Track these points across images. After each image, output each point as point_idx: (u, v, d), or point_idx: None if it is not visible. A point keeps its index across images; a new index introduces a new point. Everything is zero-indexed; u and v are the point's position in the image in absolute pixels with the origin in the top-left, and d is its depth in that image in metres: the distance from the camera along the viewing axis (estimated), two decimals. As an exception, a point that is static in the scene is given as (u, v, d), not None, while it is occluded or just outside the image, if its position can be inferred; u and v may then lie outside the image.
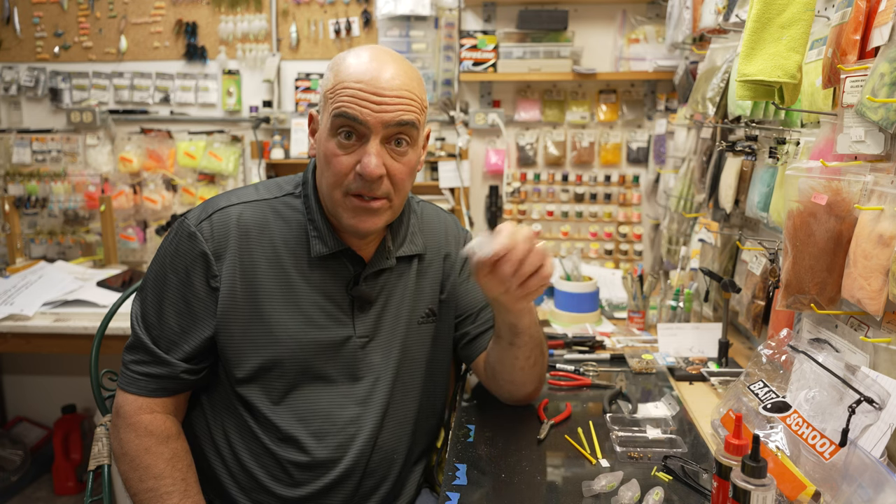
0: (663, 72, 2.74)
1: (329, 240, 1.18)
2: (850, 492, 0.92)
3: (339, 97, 1.09)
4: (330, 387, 1.19)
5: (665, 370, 1.61)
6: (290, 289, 1.17)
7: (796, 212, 1.19)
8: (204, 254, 1.14)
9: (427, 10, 2.88)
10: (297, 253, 1.18)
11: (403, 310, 1.26)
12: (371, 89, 1.08)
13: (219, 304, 1.15)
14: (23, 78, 3.11)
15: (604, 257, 2.93)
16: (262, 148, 2.95)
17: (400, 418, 1.26)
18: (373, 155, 1.08)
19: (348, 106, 1.08)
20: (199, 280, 1.15)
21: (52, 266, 2.63)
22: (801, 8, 1.16)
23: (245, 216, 1.18)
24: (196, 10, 3.05)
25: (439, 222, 1.38)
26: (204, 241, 1.14)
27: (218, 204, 1.19)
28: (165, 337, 1.16)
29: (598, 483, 1.06)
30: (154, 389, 1.16)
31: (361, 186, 1.10)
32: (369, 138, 1.09)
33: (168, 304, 1.16)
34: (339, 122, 1.09)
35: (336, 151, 1.10)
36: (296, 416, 1.17)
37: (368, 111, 1.07)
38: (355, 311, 1.21)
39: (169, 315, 1.16)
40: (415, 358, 1.28)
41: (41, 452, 3.05)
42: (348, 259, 1.21)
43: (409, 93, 1.11)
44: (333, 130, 1.10)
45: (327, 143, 1.12)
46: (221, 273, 1.14)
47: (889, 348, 1.05)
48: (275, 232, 1.18)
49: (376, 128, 1.08)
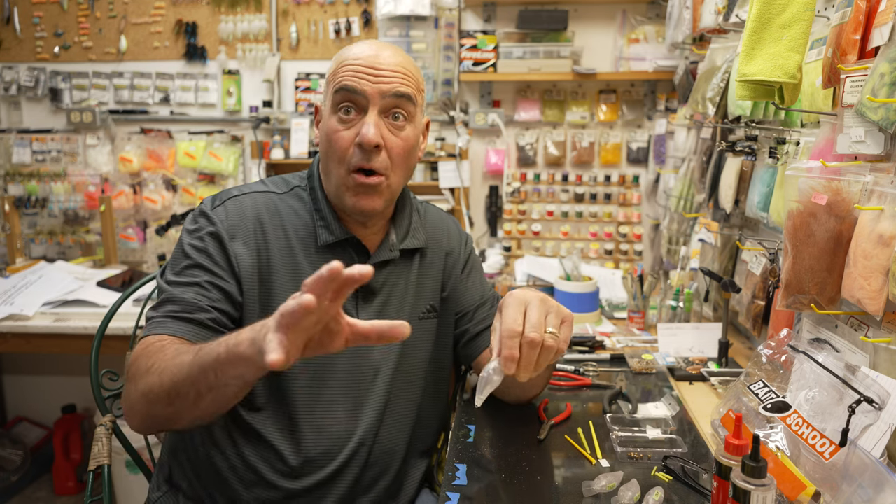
0: (663, 72, 2.75)
1: (335, 228, 1.22)
2: (850, 492, 0.92)
3: (340, 74, 1.16)
4: (331, 378, 1.20)
5: (665, 370, 1.61)
6: (300, 276, 1.19)
7: (796, 212, 1.19)
8: (219, 235, 1.17)
9: (427, 10, 2.88)
10: (305, 241, 1.22)
11: (406, 304, 1.28)
12: (369, 63, 1.15)
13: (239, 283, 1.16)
14: (23, 78, 3.11)
15: (604, 257, 2.93)
16: (262, 148, 2.96)
17: (401, 412, 1.26)
18: (371, 124, 1.14)
19: (348, 79, 1.15)
20: (220, 256, 1.16)
21: (52, 266, 2.63)
22: (801, 8, 1.16)
23: (258, 204, 1.22)
24: (196, 10, 3.05)
25: (441, 221, 1.41)
26: (219, 222, 1.17)
27: (230, 192, 1.23)
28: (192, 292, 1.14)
29: (598, 483, 1.06)
30: (177, 331, 1.09)
31: (361, 158, 1.15)
32: (367, 110, 1.15)
33: (193, 269, 1.15)
34: (340, 96, 1.15)
35: (337, 127, 1.16)
36: (297, 407, 1.17)
37: (367, 82, 1.14)
38: (359, 301, 1.23)
39: (196, 275, 1.14)
40: (416, 353, 1.29)
41: (41, 452, 3.05)
42: (354, 249, 1.24)
43: (406, 70, 1.18)
44: (335, 107, 1.17)
45: (329, 121, 1.18)
46: (237, 255, 1.16)
47: (889, 348, 1.05)
48: (285, 220, 1.22)
49: (374, 98, 1.14)
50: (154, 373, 1.00)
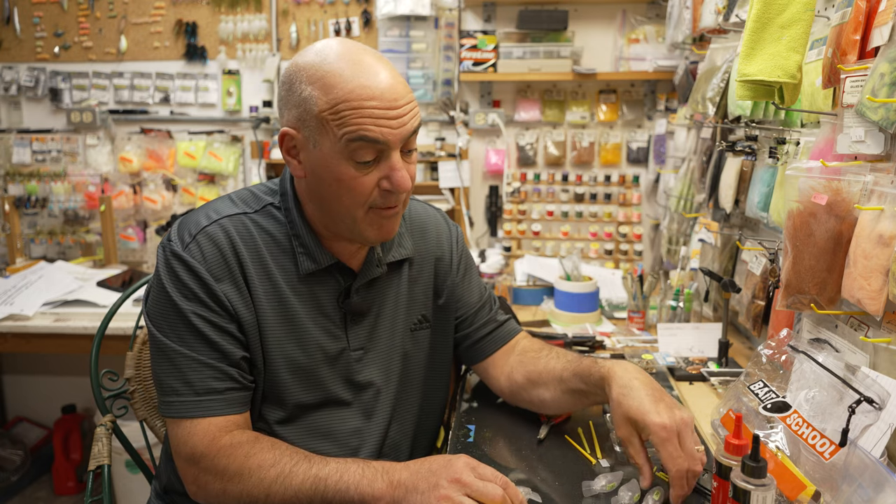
0: (663, 72, 2.75)
1: (318, 255, 1.14)
2: (849, 492, 0.92)
3: (351, 119, 1.00)
4: (330, 402, 1.17)
5: (665, 370, 1.61)
6: (283, 306, 1.12)
7: (796, 212, 1.19)
8: (204, 280, 1.06)
9: (427, 10, 2.88)
10: (285, 268, 1.13)
11: (398, 318, 1.24)
12: (385, 105, 1.01)
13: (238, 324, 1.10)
14: (23, 78, 3.11)
15: (604, 257, 2.93)
16: (262, 148, 2.95)
17: (402, 425, 1.25)
18: (402, 170, 1.05)
19: (367, 129, 1.00)
20: (213, 300, 1.08)
21: (52, 266, 2.63)
22: (801, 8, 1.16)
23: (230, 233, 1.10)
24: (196, 10, 3.05)
25: (429, 221, 1.33)
26: (198, 266, 1.06)
27: (199, 223, 1.10)
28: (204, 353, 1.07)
29: (598, 483, 1.06)
30: (229, 410, 1.06)
31: (388, 200, 1.07)
32: (389, 154, 1.04)
33: (191, 330, 1.07)
34: (358, 145, 1.02)
35: (354, 174, 1.04)
36: (298, 435, 1.14)
37: (388, 129, 1.02)
38: (348, 323, 1.18)
39: (198, 335, 1.07)
40: (413, 365, 1.27)
41: (41, 452, 3.05)
42: (338, 272, 1.17)
43: (409, 93, 1.06)
44: (348, 154, 1.03)
45: (338, 167, 1.04)
46: (229, 297, 1.08)
47: (889, 348, 1.05)
48: (262, 247, 1.12)
49: (396, 144, 1.04)
50: (254, 483, 1.00)
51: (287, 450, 1.04)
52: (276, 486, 0.99)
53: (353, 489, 0.96)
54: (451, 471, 0.94)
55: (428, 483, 0.93)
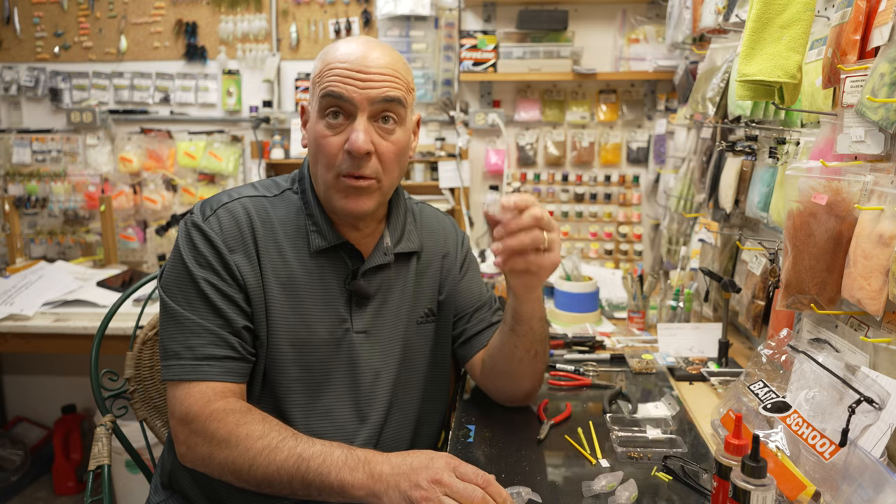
0: (663, 72, 2.75)
1: (328, 233, 1.19)
2: (849, 492, 0.92)
3: (326, 78, 1.11)
4: (331, 383, 1.19)
5: (665, 370, 1.61)
6: (291, 281, 1.17)
7: (796, 212, 1.19)
8: (218, 249, 1.13)
9: (427, 10, 2.88)
10: (297, 246, 1.19)
11: (403, 308, 1.27)
12: (356, 67, 1.10)
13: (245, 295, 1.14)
14: (23, 78, 3.11)
15: (604, 257, 2.93)
16: (262, 148, 2.96)
17: (402, 417, 1.26)
18: (360, 131, 1.10)
19: (334, 84, 1.10)
20: (224, 270, 1.13)
21: (52, 266, 2.63)
22: (801, 8, 1.16)
23: (250, 211, 1.18)
24: (196, 10, 3.05)
25: (437, 222, 1.39)
26: (215, 236, 1.13)
27: (220, 199, 1.19)
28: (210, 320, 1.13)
29: (598, 483, 1.06)
30: (225, 377, 1.10)
31: (351, 165, 1.12)
32: (356, 116, 1.11)
33: (203, 292, 1.12)
34: (327, 102, 1.11)
35: (325, 132, 1.12)
36: (296, 416, 1.17)
37: (354, 88, 1.10)
38: (353, 305, 1.22)
39: (209, 298, 1.12)
40: (416, 357, 1.29)
41: (41, 452, 3.05)
42: (347, 254, 1.22)
43: (395, 71, 1.13)
44: (321, 112, 1.13)
45: (316, 125, 1.14)
46: (240, 268, 1.13)
47: (889, 348, 1.05)
48: (277, 227, 1.19)
49: (362, 104, 1.10)
50: (240, 452, 1.03)
51: (277, 425, 1.06)
52: (260, 459, 1.02)
53: (333, 474, 0.98)
54: (432, 471, 0.95)
55: (409, 482, 0.94)
